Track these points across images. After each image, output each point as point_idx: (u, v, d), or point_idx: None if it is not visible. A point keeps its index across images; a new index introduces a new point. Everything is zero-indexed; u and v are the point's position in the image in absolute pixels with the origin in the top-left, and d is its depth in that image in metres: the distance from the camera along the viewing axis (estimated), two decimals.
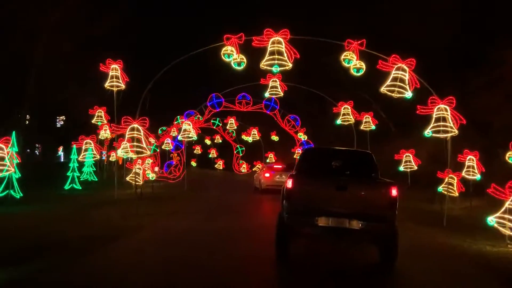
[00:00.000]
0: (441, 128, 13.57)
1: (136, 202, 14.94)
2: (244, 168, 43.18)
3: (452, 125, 13.47)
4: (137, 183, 21.29)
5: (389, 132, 30.39)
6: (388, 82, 13.46)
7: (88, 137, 22.90)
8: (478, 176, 18.25)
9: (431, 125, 13.70)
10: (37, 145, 58.59)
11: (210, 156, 50.80)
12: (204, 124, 39.82)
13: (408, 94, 13.48)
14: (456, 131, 13.60)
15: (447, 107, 13.49)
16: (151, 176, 27.51)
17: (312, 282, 7.16)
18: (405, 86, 13.32)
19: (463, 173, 18.58)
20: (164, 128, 37.65)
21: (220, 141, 46.63)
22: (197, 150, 51.65)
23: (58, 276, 6.90)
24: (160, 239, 10.09)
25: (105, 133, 32.23)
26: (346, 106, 23.15)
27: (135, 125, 13.44)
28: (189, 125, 22.54)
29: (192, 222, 12.28)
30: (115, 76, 16.77)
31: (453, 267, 8.65)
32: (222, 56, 13.95)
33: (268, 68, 13.20)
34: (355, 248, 9.49)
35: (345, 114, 23.09)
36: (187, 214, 13.90)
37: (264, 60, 13.09)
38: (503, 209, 10.61)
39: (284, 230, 7.90)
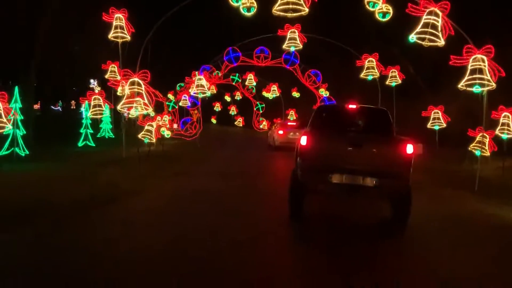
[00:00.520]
0: (477, 82, 12.00)
1: (142, 162, 14.11)
2: (264, 125, 42.02)
3: (489, 77, 11.90)
4: (149, 141, 20.70)
5: (417, 88, 28.61)
6: (418, 28, 11.84)
7: (96, 92, 22.01)
8: None
9: (466, 78, 12.16)
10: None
11: (230, 113, 49.68)
12: (223, 80, 38.69)
13: (441, 43, 11.88)
14: (494, 85, 12.04)
15: (485, 58, 11.89)
16: (166, 133, 26.78)
17: (325, 240, 7.07)
18: (437, 33, 11.70)
19: (497, 131, 17.02)
20: (182, 84, 36.69)
21: (240, 97, 45.35)
22: (217, 106, 50.61)
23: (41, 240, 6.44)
24: (155, 206, 9.15)
25: (122, 90, 31.80)
26: (370, 58, 21.46)
27: (135, 79, 12.36)
28: (203, 80, 21.32)
29: (199, 183, 11.35)
30: (119, 27, 15.56)
31: (488, 241, 7.50)
32: (230, 0, 12.48)
33: (282, 13, 11.74)
34: (369, 205, 9.40)
35: (370, 67, 21.45)
36: (194, 175, 12.97)
37: (277, 4, 11.58)
38: None
39: (298, 187, 7.86)
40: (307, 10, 11.79)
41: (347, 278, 5.31)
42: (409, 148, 7.46)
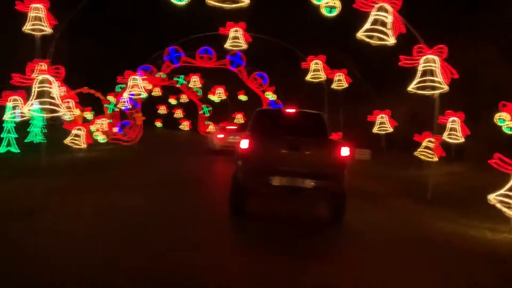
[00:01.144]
0: (428, 84, 11.09)
1: (63, 172, 12.26)
2: (211, 129, 40.36)
3: (441, 80, 11.02)
4: (77, 147, 18.67)
5: (364, 91, 28.03)
6: (367, 25, 10.77)
7: (15, 93, 19.68)
8: (461, 140, 16.20)
9: (416, 80, 11.22)
10: None
11: (175, 116, 47.63)
12: (167, 82, 36.74)
13: (390, 41, 10.87)
14: (446, 87, 11.18)
15: (436, 58, 11.00)
16: (101, 138, 24.66)
17: (265, 241, 6.98)
18: (386, 31, 10.68)
19: (445, 136, 16.43)
20: (122, 85, 34.46)
21: (187, 100, 43.46)
22: (162, 110, 48.49)
23: None
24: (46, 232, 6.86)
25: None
26: (316, 61, 20.46)
27: (45, 76, 10.49)
28: (137, 80, 19.49)
29: (112, 199, 9.52)
30: (37, 18, 13.53)
31: (452, 265, 6.37)
32: None
33: (218, 4, 10.26)
34: (308, 205, 9.63)
35: (316, 70, 20.43)
36: (116, 187, 11.09)
37: None
38: (508, 186, 8.34)
39: (239, 189, 7.94)
40: (247, 1, 10.37)
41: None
42: (344, 151, 7.73)
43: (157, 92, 42.66)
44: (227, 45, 19.30)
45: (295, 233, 7.57)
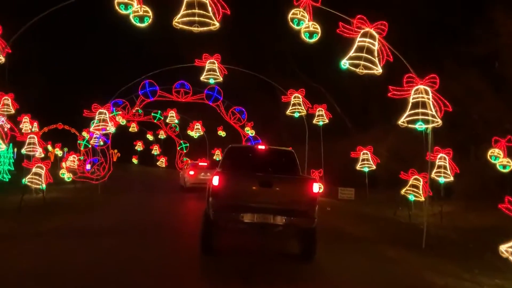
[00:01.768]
0: (420, 117, 9.90)
1: (9, 215, 10.53)
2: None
3: (434, 112, 9.84)
4: (36, 186, 16.93)
5: (345, 127, 27.06)
6: (352, 53, 9.61)
7: None
8: (451, 178, 15.08)
9: (407, 113, 10.02)
10: None
11: (153, 152, 45.86)
12: (143, 117, 35.27)
13: (378, 70, 9.71)
14: (440, 121, 9.99)
15: (428, 89, 9.85)
16: (66, 176, 22.84)
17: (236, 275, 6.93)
18: (373, 59, 9.53)
19: (433, 174, 15.31)
20: (97, 121, 32.89)
21: (164, 136, 41.89)
22: (139, 146, 46.75)
23: None
24: None
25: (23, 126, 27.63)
26: (296, 94, 19.34)
27: None
28: (104, 114, 17.97)
29: (49, 253, 7.82)
30: None
31: None
32: (117, 6, 9.47)
33: (186, 27, 8.99)
34: (279, 241, 9.35)
35: (296, 104, 19.27)
36: (61, 235, 9.34)
37: (179, 15, 8.73)
38: None
39: (210, 226, 7.82)
40: (217, 24, 9.13)
41: None
42: (315, 187, 7.67)
43: (133, 128, 41.27)
44: (203, 77, 18.08)
45: (267, 270, 7.35)
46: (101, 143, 27.35)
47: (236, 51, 20.07)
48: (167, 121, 32.66)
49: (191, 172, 21.68)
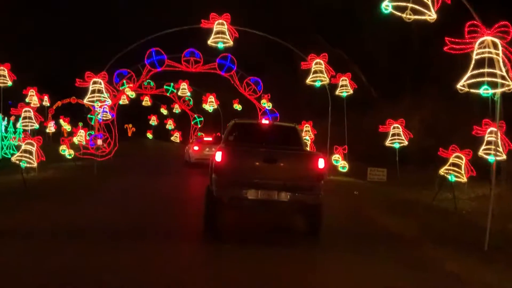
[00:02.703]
0: (486, 79, 7.30)
1: None
2: None
3: (505, 73, 7.25)
4: (28, 165, 14.98)
5: (371, 98, 24.33)
6: None
7: None
8: (503, 156, 12.47)
9: (469, 73, 7.43)
10: None
11: (167, 127, 43.81)
12: (155, 90, 33.09)
13: (431, 16, 7.11)
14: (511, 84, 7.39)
15: (498, 42, 7.23)
16: (68, 153, 20.87)
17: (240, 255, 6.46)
18: (425, 0, 6.92)
19: (481, 152, 12.74)
20: (91, 91, 30.94)
21: (178, 110, 39.69)
22: (153, 120, 44.81)
23: None
24: None
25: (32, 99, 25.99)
26: (318, 60, 16.73)
27: None
28: (99, 83, 15.62)
29: None
30: None
31: None
32: None
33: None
34: (283, 217, 9.02)
35: (317, 71, 16.69)
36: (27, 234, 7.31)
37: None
38: None
39: (213, 203, 7.54)
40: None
41: None
42: (320, 163, 7.46)
43: (147, 101, 39.17)
44: (211, 41, 15.65)
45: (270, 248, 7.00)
46: (105, 117, 25.44)
47: (250, 16, 17.56)
48: (179, 93, 30.39)
49: (196, 147, 20.97)
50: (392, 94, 22.40)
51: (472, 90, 7.58)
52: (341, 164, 17.92)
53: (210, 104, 31.66)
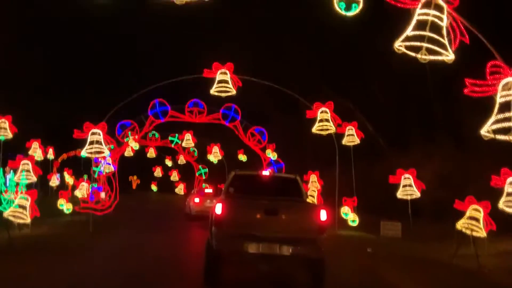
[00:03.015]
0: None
1: None
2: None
3: None
4: (20, 221, 14.20)
5: (379, 148, 23.57)
6: (409, 31, 6.41)
7: None
8: None
9: (493, 118, 6.68)
10: None
11: (171, 179, 43.01)
12: (160, 142, 32.70)
13: (449, 56, 6.46)
14: None
15: None
16: (66, 208, 19.99)
17: None
18: (441, 39, 6.30)
19: (501, 204, 11.85)
20: (112, 146, 30.43)
21: (184, 162, 39.04)
22: (158, 172, 44.09)
23: None
24: None
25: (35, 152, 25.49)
26: (324, 109, 16.18)
27: None
28: (99, 135, 15.01)
29: None
30: None
31: None
32: None
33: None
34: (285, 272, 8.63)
35: (323, 120, 16.08)
36: None
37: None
38: None
39: (213, 257, 7.30)
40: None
41: None
42: (323, 215, 7.27)
43: (151, 153, 38.67)
44: (213, 90, 15.18)
45: None
46: (110, 169, 24.82)
47: (254, 63, 17.26)
48: (183, 145, 29.85)
49: (196, 200, 20.30)
50: (401, 143, 21.64)
51: (498, 137, 6.77)
52: (351, 217, 16.86)
53: (215, 155, 31.03)
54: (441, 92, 19.08)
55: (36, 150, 25.66)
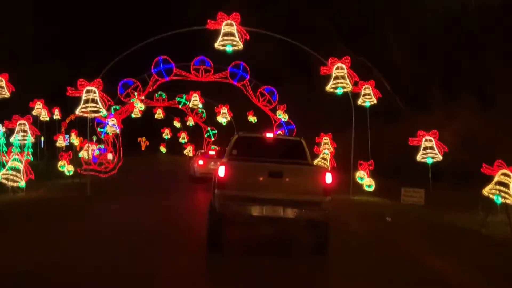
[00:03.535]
0: None
1: None
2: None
3: None
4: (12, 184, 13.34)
5: (397, 108, 22.06)
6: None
7: None
8: None
9: None
10: None
11: (180, 140, 41.98)
12: (168, 102, 31.45)
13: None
14: None
15: None
16: (67, 169, 19.09)
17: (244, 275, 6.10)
18: None
19: None
20: (117, 107, 29.31)
21: (192, 123, 37.86)
22: (166, 134, 43.13)
23: None
24: None
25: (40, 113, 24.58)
26: (340, 65, 14.68)
27: None
28: (95, 92, 13.70)
29: None
30: None
31: None
32: None
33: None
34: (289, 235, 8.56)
35: (339, 77, 14.62)
36: None
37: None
38: None
39: (216, 219, 7.14)
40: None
41: None
42: (328, 177, 7.07)
43: (159, 114, 37.52)
44: (218, 43, 13.74)
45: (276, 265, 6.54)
46: (115, 130, 23.85)
47: (262, 15, 15.68)
48: (190, 105, 28.53)
49: (200, 162, 19.90)
50: (420, 104, 20.12)
51: None
52: (366, 182, 15.66)
53: (223, 116, 29.74)
54: (466, 44, 17.38)
55: (40, 111, 24.79)
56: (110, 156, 32.81)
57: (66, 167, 18.31)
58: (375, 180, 15.77)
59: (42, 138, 47.36)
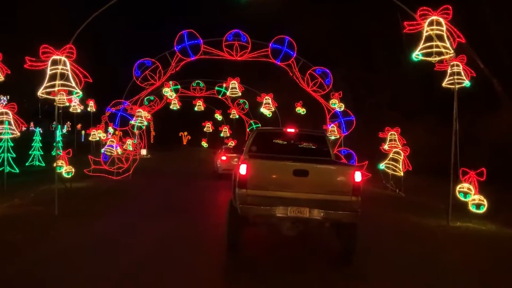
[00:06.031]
0: None
1: None
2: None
3: None
4: None
5: (494, 94, 16.15)
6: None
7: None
8: None
9: None
10: None
11: (221, 135, 37.39)
12: (205, 92, 26.96)
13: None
14: None
15: None
16: (66, 171, 14.63)
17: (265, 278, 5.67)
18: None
19: None
20: (151, 97, 25.19)
21: (237, 116, 33.12)
22: (208, 127, 38.80)
23: None
24: None
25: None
26: (435, 18, 9.16)
27: None
28: (64, 65, 8.96)
29: None
30: None
31: None
32: None
33: None
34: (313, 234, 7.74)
35: (432, 38, 9.11)
36: None
37: None
38: None
39: (237, 221, 6.58)
40: None
41: None
42: (357, 176, 6.39)
43: (199, 106, 33.16)
44: None
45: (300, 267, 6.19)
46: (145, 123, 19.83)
47: None
48: (228, 94, 23.64)
49: (223, 157, 18.31)
50: None
51: None
52: (474, 200, 10.02)
53: (266, 107, 24.71)
54: None
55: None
56: (144, 151, 28.88)
57: (64, 168, 13.97)
58: (483, 194, 10.13)
59: (83, 132, 44.09)
